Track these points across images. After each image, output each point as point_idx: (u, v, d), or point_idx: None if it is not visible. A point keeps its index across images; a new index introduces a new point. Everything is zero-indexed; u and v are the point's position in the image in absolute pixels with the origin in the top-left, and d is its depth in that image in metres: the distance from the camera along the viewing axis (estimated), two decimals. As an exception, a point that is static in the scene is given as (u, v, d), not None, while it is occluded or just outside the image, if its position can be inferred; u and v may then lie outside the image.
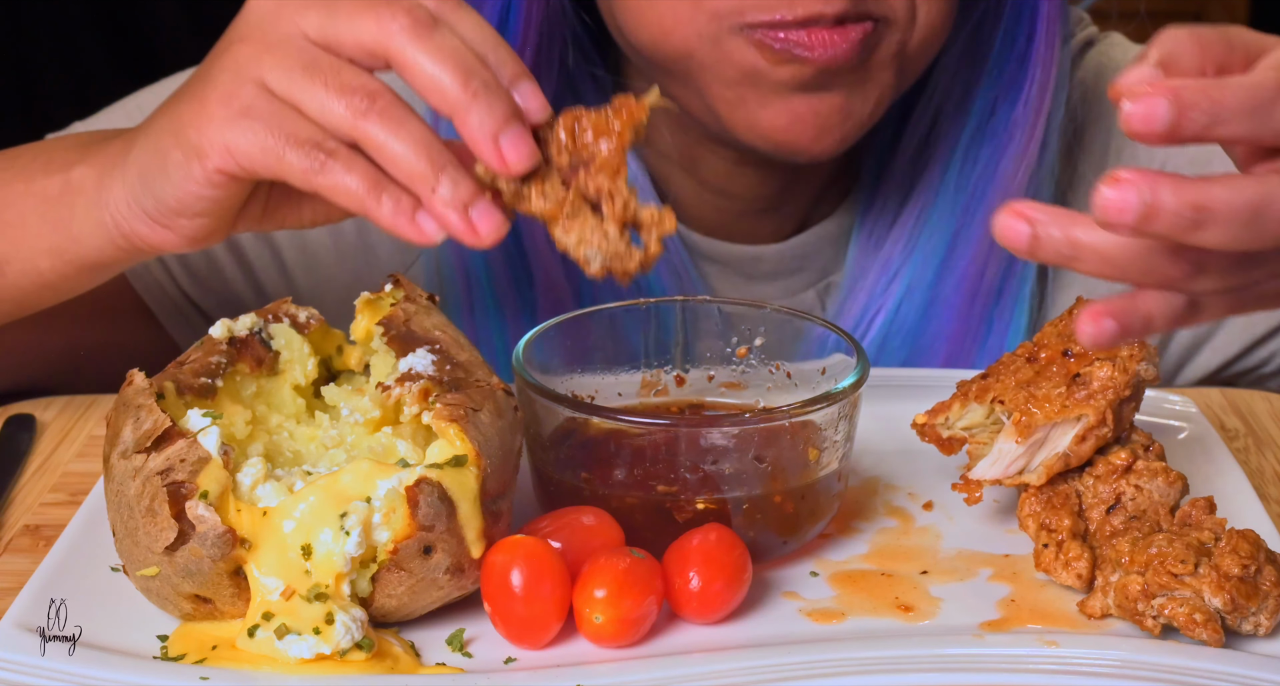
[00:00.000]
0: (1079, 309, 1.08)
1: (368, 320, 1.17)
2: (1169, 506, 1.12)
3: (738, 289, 1.53)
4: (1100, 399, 1.12)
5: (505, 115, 1.02)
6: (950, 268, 1.46)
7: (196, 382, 1.09)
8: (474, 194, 1.03)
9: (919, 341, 1.47)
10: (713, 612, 1.07)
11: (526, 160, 1.02)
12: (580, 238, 1.03)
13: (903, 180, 1.48)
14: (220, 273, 1.52)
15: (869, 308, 1.48)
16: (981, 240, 1.44)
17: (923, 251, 1.46)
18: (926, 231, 1.46)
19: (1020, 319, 1.48)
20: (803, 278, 1.53)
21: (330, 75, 1.03)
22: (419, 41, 1.02)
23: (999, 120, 1.43)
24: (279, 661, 1.01)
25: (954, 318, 1.47)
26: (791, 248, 1.52)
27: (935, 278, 1.46)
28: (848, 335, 1.19)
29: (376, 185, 1.03)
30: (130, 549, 1.03)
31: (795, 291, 1.53)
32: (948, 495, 1.21)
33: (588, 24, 1.45)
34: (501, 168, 1.02)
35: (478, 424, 1.05)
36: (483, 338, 1.47)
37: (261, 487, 1.03)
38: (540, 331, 1.20)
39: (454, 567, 1.04)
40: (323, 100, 1.03)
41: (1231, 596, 1.02)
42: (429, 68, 1.01)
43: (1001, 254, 1.45)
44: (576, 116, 1.04)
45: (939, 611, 1.09)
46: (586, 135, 1.03)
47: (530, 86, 1.04)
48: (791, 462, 1.12)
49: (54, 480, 1.28)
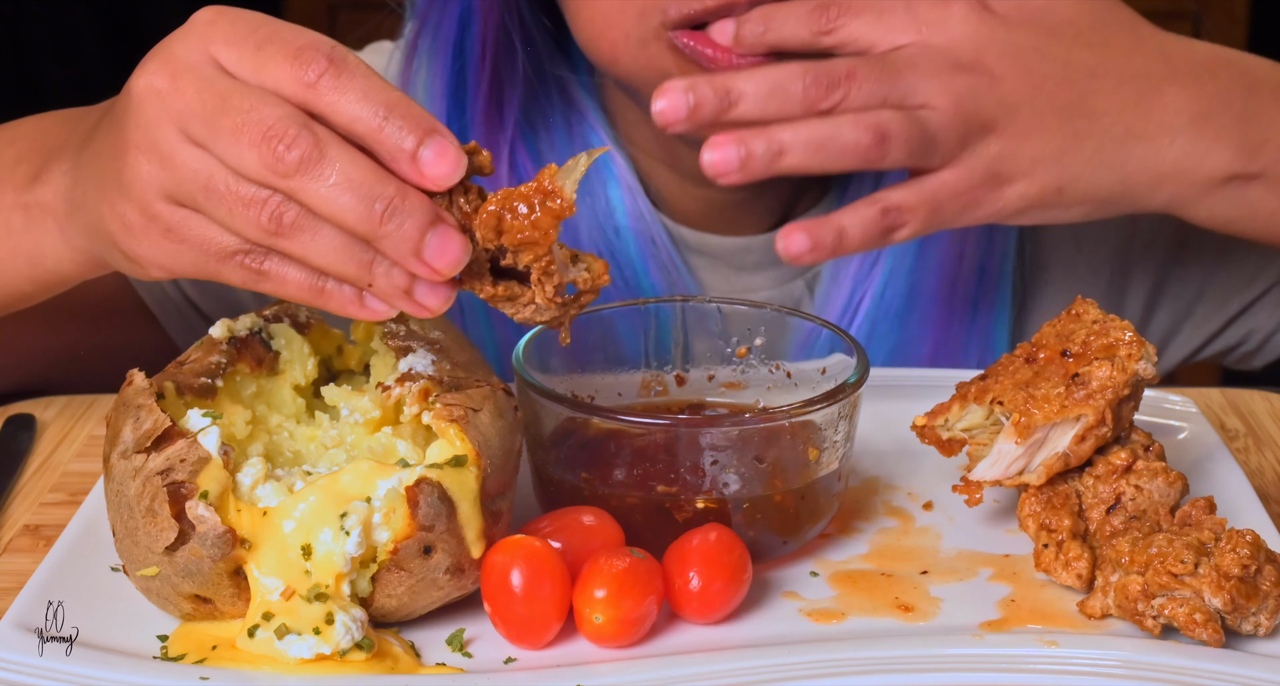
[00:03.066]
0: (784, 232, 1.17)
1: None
2: (1169, 506, 1.12)
3: (727, 280, 1.53)
4: (1099, 398, 1.12)
5: (420, 229, 0.99)
6: (929, 249, 1.47)
7: (196, 382, 1.09)
8: (410, 277, 1.01)
9: (907, 325, 1.48)
10: (713, 612, 1.07)
11: (454, 264, 1.00)
12: (514, 311, 1.04)
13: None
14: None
15: (854, 294, 1.48)
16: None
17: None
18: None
19: (1004, 297, 1.50)
20: (791, 267, 1.53)
21: (228, 197, 1.00)
22: (309, 180, 0.98)
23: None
24: (279, 661, 1.01)
25: (938, 299, 1.48)
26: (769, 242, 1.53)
27: (915, 261, 1.47)
28: (847, 335, 1.19)
29: (316, 283, 1.02)
30: (130, 549, 1.03)
31: (784, 282, 1.53)
32: (948, 495, 1.21)
33: (549, 28, 1.45)
34: (433, 277, 1.00)
35: (478, 424, 1.05)
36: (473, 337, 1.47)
37: (261, 487, 1.03)
38: (540, 331, 1.20)
39: (454, 567, 1.04)
40: (231, 221, 1.00)
41: (1231, 596, 1.02)
42: (328, 205, 0.98)
43: (979, 233, 1.47)
44: (502, 201, 1.01)
45: (939, 611, 1.09)
46: (513, 229, 1.00)
47: (438, 145, 0.98)
48: (791, 462, 1.12)
49: (54, 480, 1.28)
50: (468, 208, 1.01)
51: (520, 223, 1.00)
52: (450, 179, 0.99)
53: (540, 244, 1.01)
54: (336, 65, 0.99)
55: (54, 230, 1.16)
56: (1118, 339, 1.14)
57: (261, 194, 0.99)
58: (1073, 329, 1.16)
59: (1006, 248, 1.50)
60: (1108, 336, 1.14)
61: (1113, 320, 1.15)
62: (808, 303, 1.53)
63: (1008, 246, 1.50)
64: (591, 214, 1.49)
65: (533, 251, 1.01)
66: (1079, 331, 1.16)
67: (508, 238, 1.00)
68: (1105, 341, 1.14)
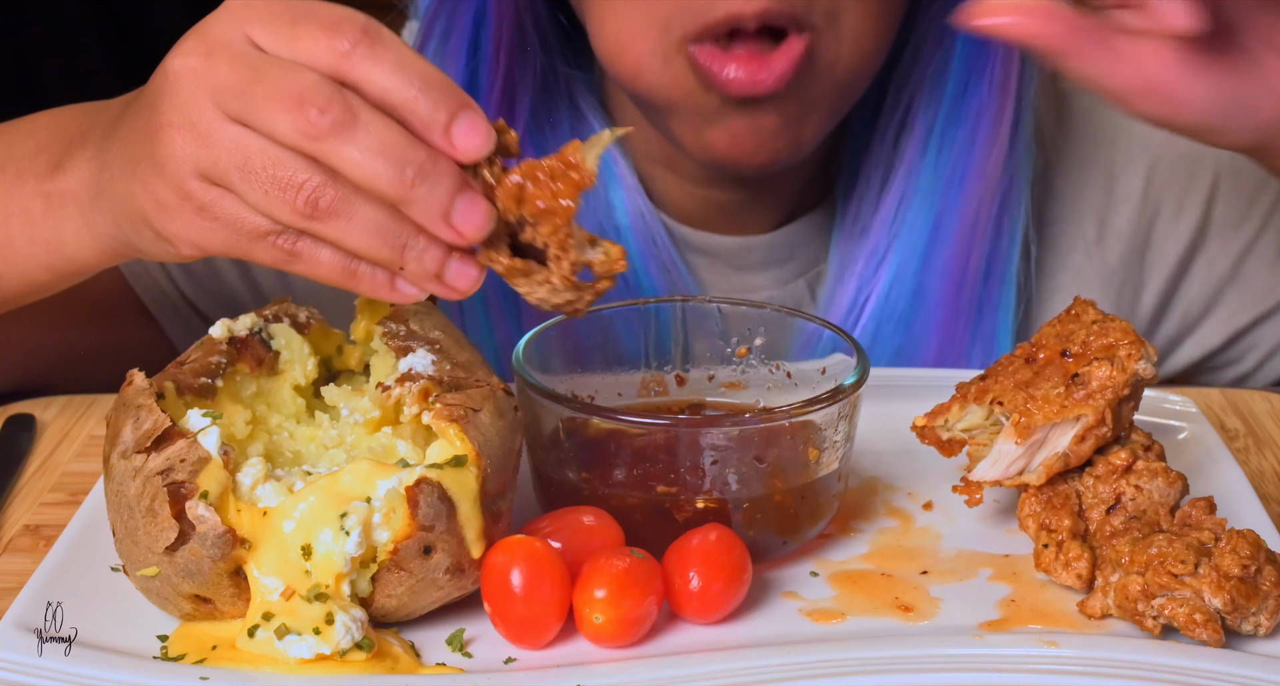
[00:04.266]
0: None
1: (367, 320, 1.17)
2: (1169, 506, 1.12)
3: (728, 280, 1.53)
4: (1099, 398, 1.12)
5: (449, 193, 1.00)
6: (935, 251, 1.47)
7: (196, 382, 1.09)
8: (441, 259, 1.02)
9: (911, 328, 1.48)
10: (713, 613, 1.07)
11: (481, 229, 1.01)
12: (529, 290, 1.04)
13: (882, 166, 1.49)
14: (218, 274, 1.52)
15: (859, 294, 1.49)
16: (963, 222, 1.46)
17: (906, 237, 1.47)
18: (909, 216, 1.47)
19: (1009, 298, 1.50)
20: (793, 267, 1.54)
21: (263, 178, 1.00)
22: (341, 143, 0.99)
23: (968, 102, 1.44)
24: (279, 661, 1.01)
25: (943, 301, 1.48)
26: (780, 237, 1.53)
27: (921, 263, 1.47)
28: (848, 335, 1.19)
29: (348, 266, 1.03)
30: (130, 549, 1.03)
31: (785, 281, 1.53)
32: (948, 495, 1.21)
33: (564, 26, 1.46)
34: (459, 241, 1.01)
35: (478, 424, 1.05)
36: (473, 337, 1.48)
37: (261, 487, 1.03)
38: (540, 331, 1.20)
39: (454, 567, 1.04)
40: (266, 204, 1.01)
41: (1231, 596, 1.02)
42: (360, 169, 0.99)
43: (985, 235, 1.47)
44: (525, 172, 1.02)
45: (939, 611, 1.09)
46: (533, 198, 1.02)
47: (470, 119, 1.00)
48: (791, 462, 1.12)
49: (54, 480, 1.28)
50: (491, 180, 1.02)
51: (541, 191, 1.01)
52: (481, 151, 1.00)
53: (559, 214, 1.02)
54: (371, 37, 1.00)
55: (76, 217, 1.16)
56: (1117, 339, 1.14)
57: (298, 177, 0.99)
58: (1072, 329, 1.16)
59: (1011, 251, 1.49)
60: (1107, 336, 1.14)
61: (1112, 320, 1.15)
62: (809, 303, 1.53)
63: (1012, 249, 1.50)
64: (592, 213, 1.49)
65: (551, 222, 1.02)
66: (1079, 331, 1.16)
67: (528, 207, 1.02)
68: (1105, 341, 1.14)
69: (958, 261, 1.47)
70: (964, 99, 1.44)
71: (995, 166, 1.45)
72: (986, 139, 1.44)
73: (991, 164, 1.44)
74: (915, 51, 1.46)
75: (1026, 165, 1.48)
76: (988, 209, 1.45)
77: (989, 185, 1.45)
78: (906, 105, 1.47)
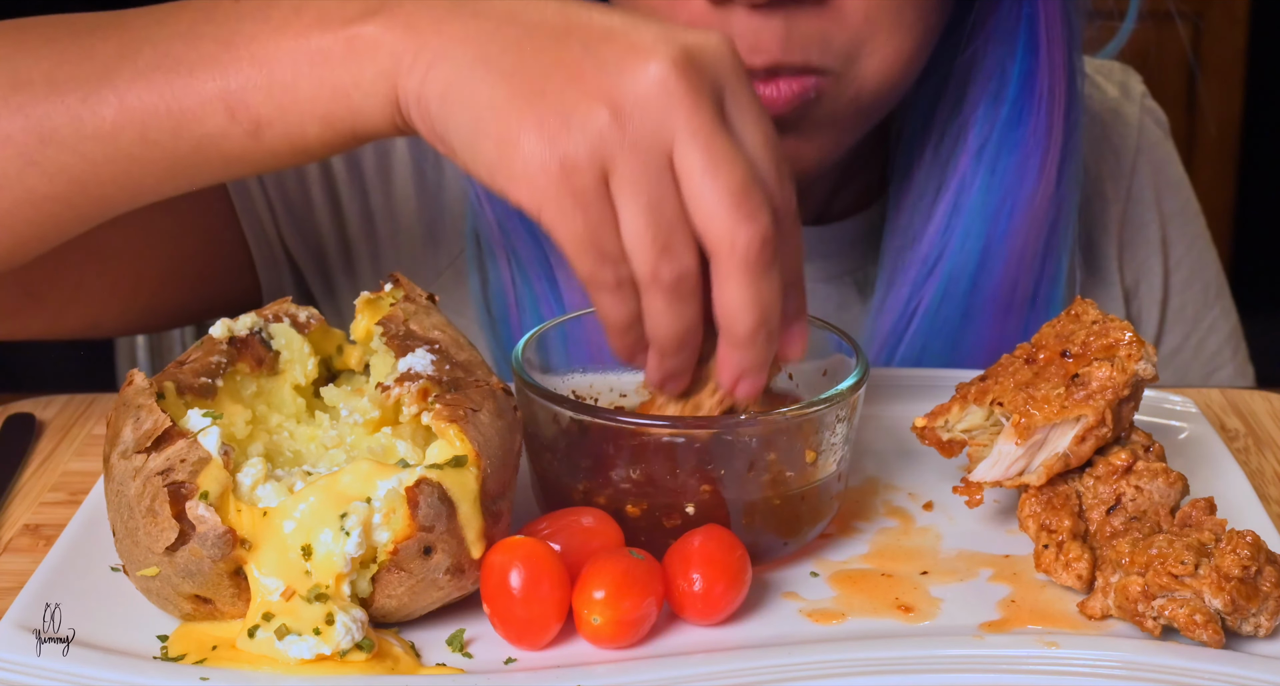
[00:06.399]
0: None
1: (367, 320, 1.17)
2: (1169, 507, 1.12)
3: None
4: (1099, 399, 1.12)
5: (762, 365, 1.05)
6: (984, 275, 1.46)
7: (196, 382, 1.09)
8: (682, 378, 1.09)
9: (963, 334, 1.48)
10: (713, 614, 1.07)
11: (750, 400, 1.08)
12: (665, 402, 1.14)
13: (936, 177, 1.48)
14: (312, 214, 1.52)
15: (910, 303, 1.48)
16: (1015, 241, 1.45)
17: (956, 255, 1.46)
18: (959, 234, 1.46)
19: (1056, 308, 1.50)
20: (840, 263, 1.54)
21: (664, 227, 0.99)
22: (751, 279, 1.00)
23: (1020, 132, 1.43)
24: (279, 662, 1.01)
25: (990, 321, 1.48)
26: (823, 233, 1.54)
27: (971, 284, 1.46)
28: (848, 336, 1.19)
29: (631, 326, 1.05)
30: (130, 549, 1.03)
31: (828, 277, 1.54)
32: (948, 495, 1.21)
33: None
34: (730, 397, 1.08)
35: (478, 424, 1.05)
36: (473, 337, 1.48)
37: (262, 488, 1.03)
38: (540, 331, 1.20)
39: (454, 568, 1.04)
40: (633, 241, 0.99)
41: (1232, 597, 1.02)
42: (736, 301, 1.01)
43: (1035, 253, 1.46)
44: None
45: (939, 612, 1.09)
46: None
47: (801, 328, 1.10)
48: (791, 463, 1.12)
49: (54, 480, 1.29)
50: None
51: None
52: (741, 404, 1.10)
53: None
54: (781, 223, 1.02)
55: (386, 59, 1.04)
56: (1117, 339, 1.14)
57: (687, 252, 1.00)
58: (1072, 329, 1.16)
59: (1058, 275, 1.50)
60: (1107, 337, 1.14)
61: (1112, 320, 1.15)
62: (857, 303, 1.53)
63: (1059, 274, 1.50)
64: None
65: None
66: (1079, 332, 1.16)
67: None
68: (1105, 342, 1.14)
69: (1005, 286, 1.47)
70: (1016, 128, 1.43)
71: (1044, 200, 1.45)
72: (1034, 172, 1.44)
73: (1040, 197, 1.44)
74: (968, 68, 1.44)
75: (1073, 198, 1.49)
76: (1035, 239, 1.46)
77: (1037, 216, 1.45)
78: (961, 123, 1.46)
